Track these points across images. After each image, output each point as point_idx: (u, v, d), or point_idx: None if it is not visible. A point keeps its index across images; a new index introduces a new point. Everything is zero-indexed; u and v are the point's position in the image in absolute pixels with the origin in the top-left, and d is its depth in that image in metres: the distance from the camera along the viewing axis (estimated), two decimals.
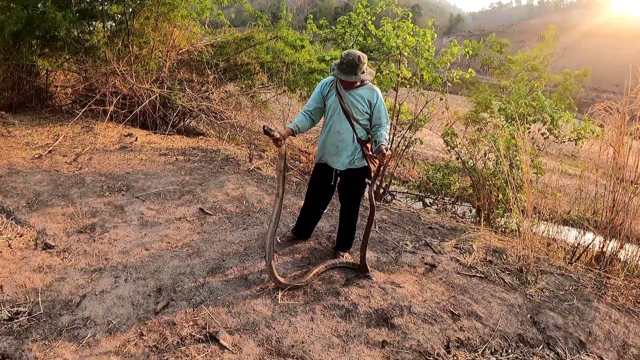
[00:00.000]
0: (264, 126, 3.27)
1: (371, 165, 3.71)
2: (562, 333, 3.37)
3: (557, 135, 6.64)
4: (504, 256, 4.51)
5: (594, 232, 4.81)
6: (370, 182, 3.69)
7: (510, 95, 7.05)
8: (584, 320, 3.54)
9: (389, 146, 3.69)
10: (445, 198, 7.23)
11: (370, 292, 3.49)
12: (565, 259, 4.74)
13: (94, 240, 3.87)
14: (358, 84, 3.55)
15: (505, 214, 6.06)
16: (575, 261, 4.72)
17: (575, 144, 6.56)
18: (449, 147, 7.06)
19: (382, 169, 3.79)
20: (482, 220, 5.92)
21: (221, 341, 2.83)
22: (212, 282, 3.41)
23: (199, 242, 3.96)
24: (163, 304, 3.11)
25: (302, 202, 4.63)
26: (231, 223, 4.39)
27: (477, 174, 6.19)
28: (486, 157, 6.58)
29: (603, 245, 4.66)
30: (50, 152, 5.79)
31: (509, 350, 3.13)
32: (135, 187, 4.91)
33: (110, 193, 4.74)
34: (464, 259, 4.29)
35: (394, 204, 6.27)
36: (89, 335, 2.79)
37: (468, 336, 3.20)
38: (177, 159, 5.92)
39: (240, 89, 8.33)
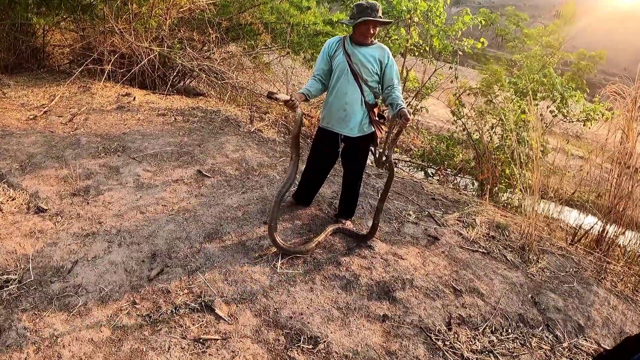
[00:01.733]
0: (268, 92, 3.07)
1: (378, 131, 3.54)
2: (561, 316, 3.31)
3: (565, 114, 6.47)
4: (507, 233, 4.41)
5: (596, 216, 4.74)
6: (373, 149, 3.56)
7: (522, 69, 6.83)
8: (584, 304, 3.48)
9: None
10: (448, 169, 7.08)
11: (372, 263, 3.38)
12: (566, 240, 4.64)
13: (88, 203, 3.74)
14: (369, 41, 3.34)
15: (509, 190, 5.93)
16: (576, 243, 4.63)
17: (584, 125, 6.41)
18: (455, 118, 6.87)
19: (399, 135, 3.61)
20: (484, 194, 5.79)
21: (217, 311, 2.73)
22: (209, 248, 3.30)
23: (196, 206, 3.83)
24: (157, 270, 3.01)
25: (302, 165, 4.52)
26: (230, 186, 4.26)
27: (482, 146, 6.03)
28: (492, 131, 6.39)
29: (604, 230, 4.56)
30: (45, 112, 5.60)
31: (509, 330, 3.06)
32: (132, 148, 4.75)
33: (105, 154, 4.59)
34: (467, 233, 4.18)
35: (396, 172, 6.12)
36: (80, 304, 2.69)
37: (469, 313, 3.11)
38: (175, 119, 5.74)
39: (242, 50, 8.06)
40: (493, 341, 2.92)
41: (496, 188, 5.91)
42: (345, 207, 3.84)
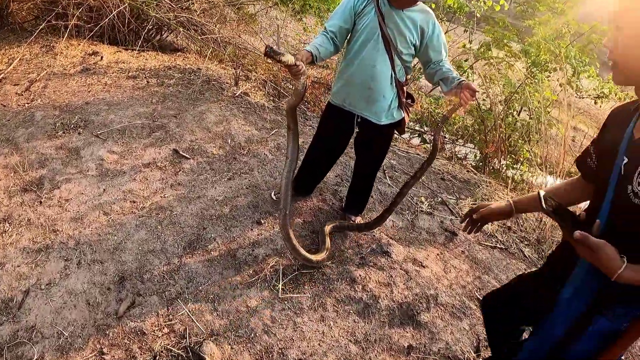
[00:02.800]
0: (266, 47, 2.09)
1: (406, 116, 2.84)
2: None
3: (576, 89, 5.81)
4: (521, 220, 3.92)
5: None
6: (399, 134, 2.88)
7: (532, 37, 6.09)
8: None
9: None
10: (446, 135, 6.41)
11: (391, 276, 2.80)
12: None
13: (41, 202, 3.05)
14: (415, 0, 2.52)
15: (515, 166, 5.35)
16: None
17: (595, 102, 5.80)
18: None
19: (453, 112, 2.86)
20: (486, 168, 5.25)
21: (207, 358, 2.15)
22: (190, 264, 2.68)
23: (172, 202, 3.16)
24: (127, 303, 2.39)
25: (299, 139, 3.86)
26: (213, 170, 3.58)
27: (492, 117, 5.35)
28: (505, 103, 5.67)
29: None
30: (0, 81, 4.76)
31: None
32: (95, 122, 3.99)
33: (64, 132, 3.83)
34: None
35: (398, 141, 5.43)
36: (35, 357, 2.09)
37: None
38: (148, 82, 4.91)
39: (224, 1, 7.07)
40: None
41: (502, 163, 5.34)
42: (354, 201, 3.21)
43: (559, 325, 1.48)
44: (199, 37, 5.75)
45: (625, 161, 1.29)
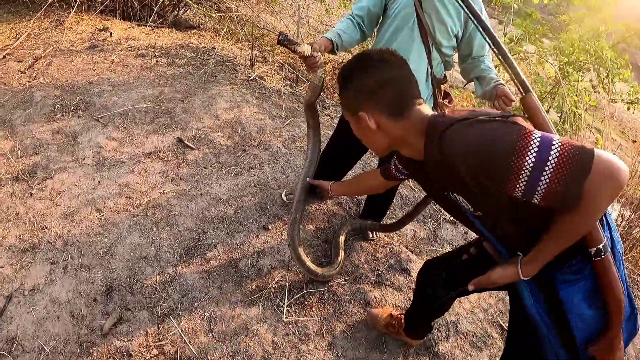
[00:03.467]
0: (279, 35, 1.79)
1: None
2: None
3: (609, 92, 5.35)
4: None
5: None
6: None
7: (566, 33, 5.63)
8: None
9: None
10: None
11: (409, 299, 2.51)
12: None
13: (32, 193, 2.81)
14: None
15: None
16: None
17: (628, 109, 5.34)
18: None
19: None
20: None
21: None
22: (186, 275, 2.41)
23: (171, 199, 2.89)
24: (114, 319, 2.14)
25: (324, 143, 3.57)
26: (219, 163, 3.29)
27: (523, 119, 4.96)
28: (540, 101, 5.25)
29: None
30: (4, 57, 4.47)
31: None
32: (97, 105, 3.72)
33: (62, 115, 3.56)
34: None
35: None
36: None
37: None
38: (157, 61, 4.60)
39: None
40: None
41: None
42: (374, 208, 2.88)
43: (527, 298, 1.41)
44: (216, 15, 5.41)
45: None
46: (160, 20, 5.82)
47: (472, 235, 3.16)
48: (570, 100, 4.57)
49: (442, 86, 2.35)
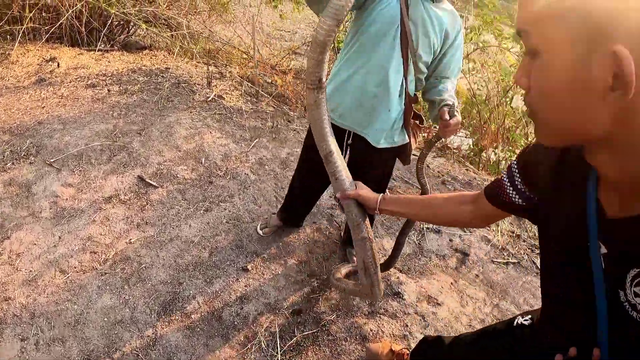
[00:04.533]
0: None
1: (412, 140, 2.23)
2: None
3: None
4: (529, 225, 3.56)
5: None
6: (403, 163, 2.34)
7: None
8: None
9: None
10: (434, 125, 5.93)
11: (406, 325, 2.40)
12: None
13: None
14: None
15: (512, 158, 4.94)
16: None
17: None
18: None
19: (432, 145, 2.18)
20: (481, 160, 4.85)
21: None
22: (168, 335, 2.23)
23: (139, 249, 2.69)
24: None
25: (283, 150, 3.39)
26: (186, 201, 3.10)
27: (488, 110, 4.89)
28: (504, 92, 5.18)
29: None
30: None
31: None
32: (49, 147, 3.47)
33: (13, 163, 3.29)
34: (493, 236, 3.26)
35: None
36: None
37: None
38: (109, 90, 4.34)
39: None
40: None
41: (499, 154, 4.92)
42: None
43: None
44: (166, 34, 5.17)
45: (603, 250, 0.81)
46: (110, 43, 5.55)
47: (458, 240, 3.06)
48: None
49: (412, 105, 2.13)
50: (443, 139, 2.17)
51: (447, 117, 1.89)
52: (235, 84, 4.77)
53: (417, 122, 2.22)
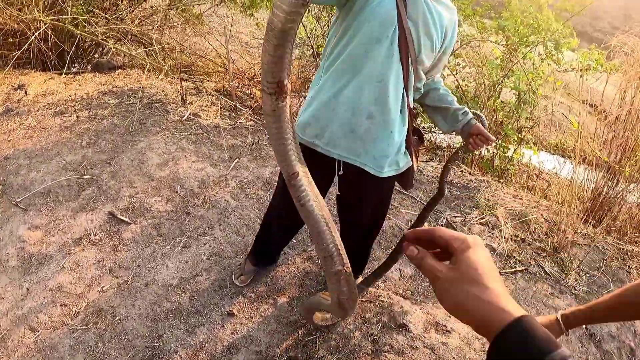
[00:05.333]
0: None
1: (415, 162, 1.90)
2: (616, 344, 2.51)
3: (557, 62, 5.17)
4: (531, 226, 3.46)
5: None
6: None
7: (506, 11, 5.48)
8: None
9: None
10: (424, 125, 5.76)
11: None
12: (585, 221, 3.68)
13: None
14: None
15: (505, 155, 4.80)
16: (597, 223, 3.77)
17: (581, 76, 5.20)
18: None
19: (460, 154, 2.07)
20: (473, 159, 4.74)
21: None
22: None
23: (112, 297, 2.46)
24: None
25: (265, 169, 3.18)
26: (162, 237, 2.87)
27: (478, 104, 4.73)
28: (494, 87, 5.02)
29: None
30: None
31: None
32: (14, 186, 3.22)
33: None
34: (497, 244, 3.14)
35: None
36: None
37: None
38: (77, 117, 4.07)
39: (167, 4, 6.13)
40: None
41: (491, 153, 4.83)
42: (353, 264, 2.49)
43: None
44: (140, 50, 4.93)
45: None
46: (82, 65, 5.31)
47: None
48: (526, 78, 4.40)
49: (413, 121, 1.88)
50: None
51: (488, 133, 1.77)
52: (212, 99, 4.53)
53: (416, 137, 1.92)
